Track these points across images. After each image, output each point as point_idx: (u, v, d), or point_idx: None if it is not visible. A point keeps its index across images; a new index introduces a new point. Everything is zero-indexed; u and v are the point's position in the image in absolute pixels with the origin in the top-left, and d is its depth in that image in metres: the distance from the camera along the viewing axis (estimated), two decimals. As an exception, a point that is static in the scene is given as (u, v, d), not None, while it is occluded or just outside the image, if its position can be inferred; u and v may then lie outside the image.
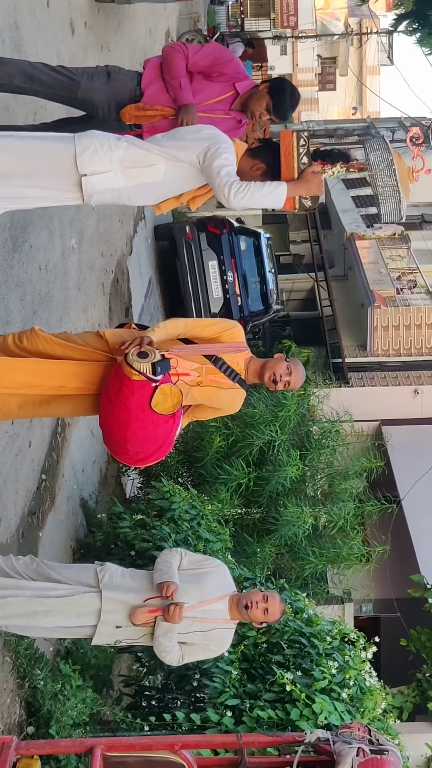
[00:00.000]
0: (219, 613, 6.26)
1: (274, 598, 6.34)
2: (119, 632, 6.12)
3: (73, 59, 10.16)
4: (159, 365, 5.31)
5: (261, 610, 6.26)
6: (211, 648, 6.36)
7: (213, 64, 6.91)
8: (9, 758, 4.45)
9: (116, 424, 5.51)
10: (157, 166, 5.51)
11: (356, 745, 4.52)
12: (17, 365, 5.47)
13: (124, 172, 5.43)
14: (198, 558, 6.66)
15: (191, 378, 5.72)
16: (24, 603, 5.95)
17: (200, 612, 6.17)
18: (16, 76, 6.55)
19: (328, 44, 56.02)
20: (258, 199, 5.54)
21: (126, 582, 6.26)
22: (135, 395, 5.33)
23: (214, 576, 6.41)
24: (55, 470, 9.01)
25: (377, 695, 8.18)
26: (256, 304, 19.78)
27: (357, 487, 13.43)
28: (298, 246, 29.57)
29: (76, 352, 5.56)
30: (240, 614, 6.29)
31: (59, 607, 5.99)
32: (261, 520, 12.46)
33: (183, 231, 18.93)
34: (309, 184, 5.66)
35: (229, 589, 6.43)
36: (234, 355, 5.85)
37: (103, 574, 6.23)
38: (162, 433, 5.54)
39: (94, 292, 11.39)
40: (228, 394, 5.92)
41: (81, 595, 6.05)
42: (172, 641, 6.08)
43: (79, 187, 5.38)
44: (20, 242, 7.84)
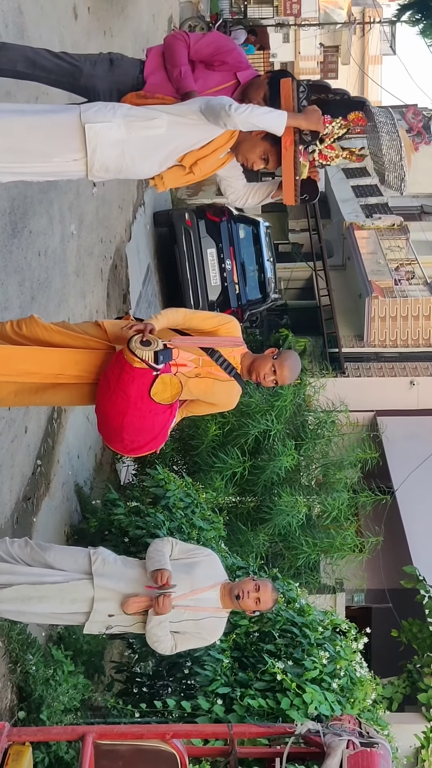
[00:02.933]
0: (210, 601, 6.26)
1: (267, 586, 6.31)
2: (111, 620, 6.14)
3: (76, 44, 10.14)
4: (161, 354, 5.34)
5: (253, 600, 6.25)
6: (203, 636, 6.36)
7: (215, 53, 6.89)
8: (0, 745, 4.46)
9: (113, 411, 5.52)
10: (159, 120, 5.62)
11: (346, 738, 4.54)
12: (15, 353, 5.47)
13: (127, 124, 5.51)
14: (189, 547, 6.65)
15: (189, 369, 5.73)
16: (18, 589, 5.97)
17: (192, 601, 6.16)
18: (18, 61, 6.53)
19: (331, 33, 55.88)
20: (258, 115, 5.62)
21: (118, 569, 6.25)
22: (135, 383, 5.36)
23: (205, 565, 6.40)
24: (50, 456, 9.02)
25: (367, 686, 8.21)
26: (254, 292, 19.75)
27: (351, 477, 13.45)
28: (297, 235, 29.57)
29: (74, 339, 5.56)
30: (232, 603, 6.30)
31: (53, 593, 6.00)
32: (255, 509, 12.47)
33: (182, 218, 18.89)
34: (309, 117, 5.73)
35: (220, 578, 6.42)
36: (231, 349, 5.88)
37: (96, 558, 6.22)
38: (158, 423, 5.55)
39: (92, 279, 11.38)
40: (224, 388, 5.93)
41: (75, 582, 6.06)
42: (165, 630, 6.09)
43: (83, 146, 5.41)
44: (20, 228, 7.83)
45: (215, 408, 6.26)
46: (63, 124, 5.42)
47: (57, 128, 5.41)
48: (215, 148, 5.82)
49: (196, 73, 6.80)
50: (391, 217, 27.30)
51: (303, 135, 5.77)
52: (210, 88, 6.83)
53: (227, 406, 6.28)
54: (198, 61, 6.81)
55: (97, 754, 4.74)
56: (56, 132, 5.41)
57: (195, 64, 6.80)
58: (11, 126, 5.33)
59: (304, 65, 55.97)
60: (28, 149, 5.39)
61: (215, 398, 6.02)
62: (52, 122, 5.41)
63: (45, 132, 5.38)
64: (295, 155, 5.80)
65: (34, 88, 7.90)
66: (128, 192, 15.11)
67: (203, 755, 6.14)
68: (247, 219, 19.99)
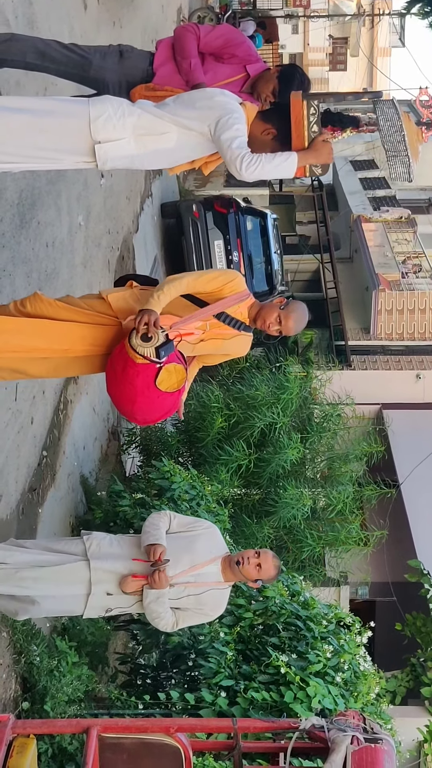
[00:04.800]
0: (211, 576, 6.16)
1: (267, 554, 6.19)
2: (110, 600, 6.07)
3: (85, 35, 10.13)
4: (162, 349, 5.31)
5: (254, 566, 6.09)
6: (206, 612, 6.25)
7: (225, 45, 6.89)
8: (5, 737, 4.46)
9: (123, 398, 5.60)
10: (169, 134, 5.48)
11: (350, 733, 4.53)
12: (21, 326, 5.45)
13: (137, 139, 5.41)
14: (188, 520, 6.53)
15: (195, 336, 5.75)
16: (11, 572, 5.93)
17: (192, 576, 6.08)
18: (28, 52, 6.53)
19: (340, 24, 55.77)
20: (269, 170, 5.52)
21: (114, 550, 6.17)
22: (140, 376, 5.38)
23: (204, 538, 6.29)
24: (56, 447, 9.02)
25: (371, 680, 8.22)
26: (261, 284, 19.72)
27: (357, 470, 13.46)
28: (304, 227, 29.50)
29: (81, 315, 5.54)
30: (233, 574, 6.15)
31: (48, 574, 5.94)
32: (260, 502, 12.48)
33: (189, 209, 18.87)
34: (319, 153, 5.65)
35: (221, 551, 6.30)
36: (237, 306, 5.85)
37: (90, 542, 6.13)
38: (168, 402, 5.62)
39: (99, 270, 11.38)
40: (232, 342, 5.95)
41: (70, 564, 5.99)
42: (164, 606, 6.00)
43: (93, 152, 5.37)
44: (28, 219, 7.82)
45: (227, 357, 6.37)
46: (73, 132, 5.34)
47: (67, 136, 5.35)
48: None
49: (206, 65, 6.79)
50: (399, 209, 27.26)
51: (313, 167, 5.74)
52: (219, 81, 6.82)
53: (238, 354, 6.32)
54: (208, 53, 6.80)
55: (101, 747, 4.75)
56: (66, 140, 5.35)
57: (205, 57, 6.80)
58: (22, 128, 5.28)
59: (312, 57, 55.87)
60: (39, 152, 5.35)
61: (226, 350, 6.09)
62: (62, 129, 5.34)
63: (55, 138, 5.32)
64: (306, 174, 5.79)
65: (43, 79, 7.89)
66: (136, 183, 15.10)
67: (207, 749, 6.15)
68: (255, 211, 19.96)
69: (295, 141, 5.67)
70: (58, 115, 5.36)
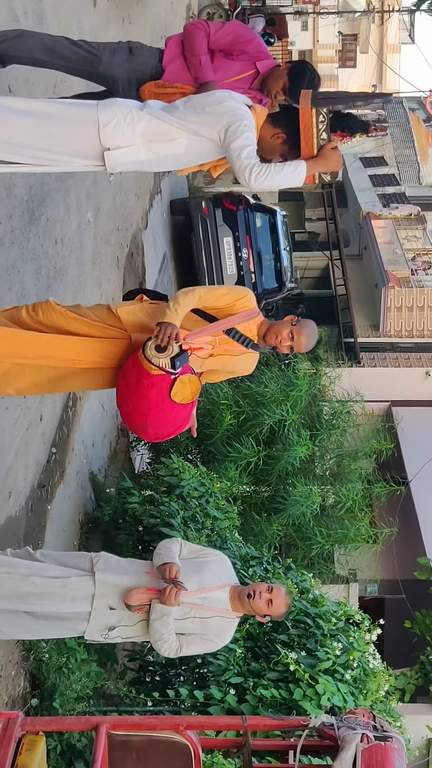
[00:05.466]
0: (219, 602, 6.03)
1: (280, 590, 6.07)
2: (113, 615, 5.90)
3: (94, 32, 10.12)
4: (178, 359, 5.30)
5: (264, 601, 5.98)
6: (211, 638, 6.06)
7: (234, 42, 6.87)
8: (14, 734, 4.45)
9: (136, 412, 5.55)
10: (178, 140, 5.47)
11: (360, 731, 4.52)
12: (32, 337, 5.47)
13: (146, 145, 5.41)
14: (198, 548, 6.45)
15: (205, 351, 5.73)
16: (17, 582, 5.76)
17: (199, 599, 5.95)
18: (37, 49, 6.52)
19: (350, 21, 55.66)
20: (278, 181, 5.51)
21: (121, 566, 6.08)
22: (155, 388, 5.36)
23: (214, 565, 6.20)
24: (65, 444, 9.02)
25: (380, 677, 8.20)
26: (270, 281, 19.70)
27: (366, 468, 13.44)
28: (313, 224, 29.50)
29: (91, 327, 5.53)
30: (242, 605, 6.03)
31: (53, 589, 5.80)
32: (269, 499, 12.47)
33: (199, 206, 18.84)
34: (328, 161, 5.63)
35: (230, 580, 6.21)
36: (246, 323, 5.83)
37: (98, 559, 6.02)
38: (181, 416, 5.58)
39: (108, 267, 11.37)
40: (241, 360, 5.94)
41: (76, 578, 5.87)
42: (168, 627, 5.85)
43: (102, 157, 5.36)
44: (37, 215, 7.82)
45: (233, 375, 6.34)
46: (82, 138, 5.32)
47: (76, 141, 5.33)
48: None
49: (216, 62, 6.78)
50: (408, 206, 27.21)
51: (322, 174, 5.72)
52: (229, 78, 6.81)
53: (244, 372, 6.28)
54: (217, 50, 6.79)
55: (110, 744, 4.74)
56: (75, 144, 5.33)
57: (214, 54, 6.79)
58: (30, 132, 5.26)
59: (322, 53, 55.80)
60: (48, 155, 5.34)
61: (233, 368, 6.07)
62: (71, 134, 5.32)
63: (64, 142, 5.31)
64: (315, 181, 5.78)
65: (52, 76, 7.89)
66: (145, 180, 15.09)
67: (216, 747, 6.13)
68: (264, 208, 19.93)
69: (304, 149, 5.66)
70: (66, 120, 5.35)
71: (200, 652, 6.33)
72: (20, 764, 4.43)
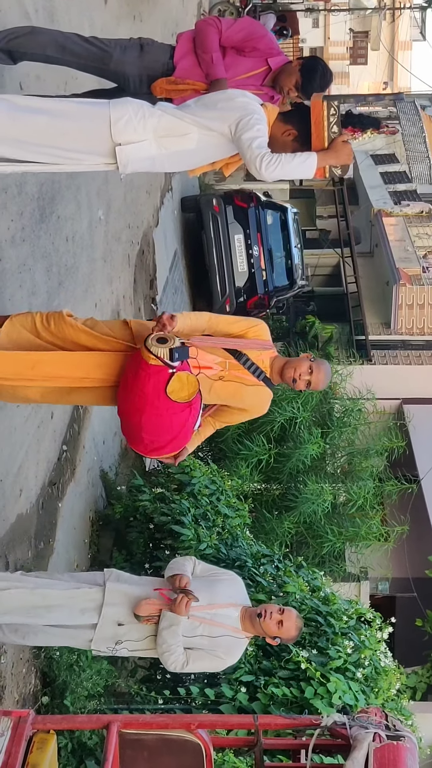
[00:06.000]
0: (230, 619, 5.99)
1: (291, 612, 6.03)
2: (121, 630, 5.87)
3: (105, 29, 10.11)
4: (177, 351, 5.29)
5: (275, 622, 5.93)
6: (219, 655, 6.00)
7: (246, 38, 6.85)
8: (25, 732, 4.44)
9: (132, 409, 5.46)
10: (190, 136, 5.46)
11: (373, 730, 4.50)
12: (41, 357, 5.48)
13: (157, 141, 5.40)
14: (211, 567, 6.44)
15: (214, 372, 5.70)
16: (25, 595, 5.74)
17: (209, 614, 5.92)
18: (48, 46, 6.50)
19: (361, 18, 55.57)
20: (289, 170, 5.49)
21: (133, 578, 6.09)
22: (151, 380, 5.29)
23: (227, 584, 6.18)
24: (76, 442, 9.01)
25: (392, 675, 8.19)
26: (281, 278, 19.68)
27: (377, 466, 13.43)
28: (324, 221, 29.47)
29: (100, 341, 5.53)
30: (252, 626, 5.99)
31: (62, 601, 5.78)
32: (280, 497, 12.48)
33: (210, 203, 18.83)
34: (339, 154, 5.61)
35: (242, 600, 6.17)
36: (259, 352, 5.83)
37: (109, 574, 6.03)
38: (177, 422, 5.44)
39: (119, 264, 11.36)
40: (252, 392, 5.87)
41: (86, 589, 5.86)
42: (176, 638, 5.80)
43: (113, 154, 5.35)
44: (48, 213, 7.81)
45: (246, 414, 6.14)
46: (94, 135, 5.32)
47: (88, 138, 5.32)
48: None
49: (227, 59, 6.75)
50: (420, 204, 27.15)
51: (333, 168, 5.70)
52: (241, 74, 6.79)
53: (258, 412, 6.16)
54: (229, 47, 6.76)
55: (121, 743, 4.73)
56: (87, 141, 5.32)
57: (226, 50, 6.76)
58: (41, 130, 5.25)
59: (333, 50, 55.77)
60: (59, 152, 5.34)
61: (245, 403, 5.95)
62: (82, 132, 5.32)
63: (76, 141, 5.31)
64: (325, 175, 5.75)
65: (63, 73, 7.88)
66: (156, 178, 15.08)
67: (228, 745, 6.12)
68: (275, 205, 19.92)
69: (315, 142, 5.64)
70: (78, 117, 5.35)
71: (207, 669, 6.31)
72: (31, 763, 4.42)
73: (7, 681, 6.66)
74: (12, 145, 5.23)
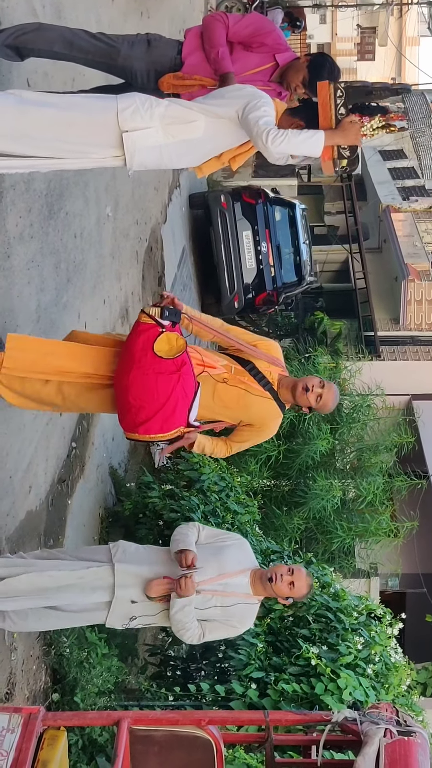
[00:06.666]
0: (240, 587, 5.94)
1: (301, 572, 5.96)
2: (134, 608, 5.83)
3: (112, 25, 10.11)
4: (167, 310, 5.57)
5: (286, 584, 5.87)
6: (233, 624, 5.99)
7: (254, 34, 6.83)
8: (36, 729, 4.44)
9: (120, 372, 5.58)
10: (197, 123, 5.47)
11: (383, 726, 4.49)
12: (53, 348, 5.64)
13: (164, 128, 5.41)
14: (216, 532, 6.36)
15: (218, 372, 5.81)
16: (34, 578, 5.69)
17: (220, 585, 5.86)
18: (56, 42, 6.50)
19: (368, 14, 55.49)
20: (296, 144, 5.48)
21: (140, 555, 6.00)
22: (140, 338, 5.48)
23: (234, 549, 6.10)
24: (85, 438, 9.01)
25: (402, 671, 8.19)
26: (290, 275, 19.66)
27: (386, 461, 13.41)
28: (332, 217, 29.45)
29: (109, 342, 5.69)
30: (264, 589, 5.94)
31: (72, 581, 5.73)
32: (290, 493, 12.47)
33: (218, 200, 18.81)
34: (347, 133, 5.60)
35: (250, 564, 6.09)
36: (267, 364, 5.94)
37: (116, 549, 5.95)
38: (163, 386, 5.49)
39: (127, 261, 11.36)
40: (258, 402, 5.96)
41: (95, 568, 5.79)
42: (190, 616, 5.78)
43: (121, 144, 5.36)
44: (56, 209, 7.80)
45: (255, 430, 6.18)
46: (101, 125, 5.35)
47: (95, 129, 5.35)
48: (252, 146, 5.75)
49: (235, 54, 6.74)
50: (428, 199, 27.16)
51: (341, 149, 5.69)
52: (248, 70, 6.77)
53: (267, 427, 6.21)
54: (237, 42, 6.75)
55: (132, 739, 4.73)
56: (94, 132, 5.35)
57: (233, 46, 6.75)
58: (49, 123, 5.29)
59: (341, 46, 55.70)
60: (67, 147, 5.35)
61: (251, 413, 6.01)
62: (89, 122, 5.34)
63: (83, 131, 5.33)
64: (334, 160, 5.73)
65: (71, 69, 7.87)
66: (164, 174, 15.07)
67: (238, 741, 6.11)
68: (283, 201, 19.89)
69: (322, 123, 5.65)
70: (85, 108, 5.38)
71: (222, 637, 6.29)
72: (42, 759, 4.43)
73: (17, 678, 6.66)
74: (19, 139, 5.25)
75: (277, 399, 6.00)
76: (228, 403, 5.89)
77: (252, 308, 19.53)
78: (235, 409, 5.96)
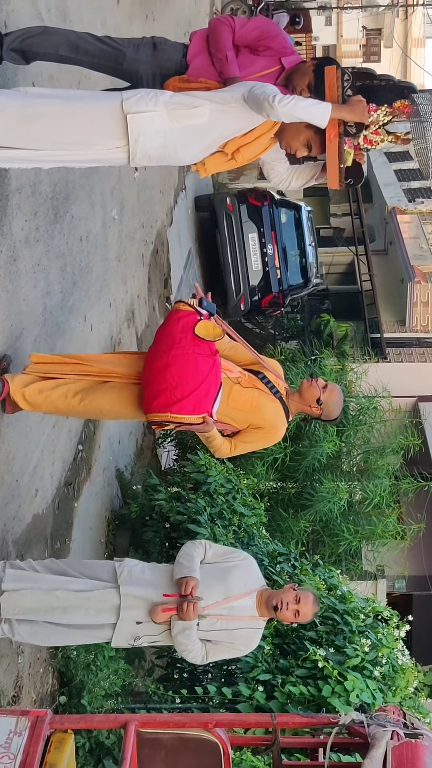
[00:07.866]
0: (246, 609, 5.91)
1: (308, 598, 5.93)
2: (139, 628, 5.81)
3: (118, 28, 10.12)
4: (205, 301, 5.94)
5: (292, 612, 5.87)
6: (237, 647, 5.97)
7: (260, 37, 6.82)
8: (43, 732, 4.44)
9: (159, 352, 5.80)
10: (202, 108, 5.55)
11: (391, 729, 4.49)
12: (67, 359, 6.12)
13: (169, 113, 5.47)
14: (223, 550, 6.29)
15: (234, 375, 6.01)
16: (41, 596, 5.71)
17: (225, 609, 5.84)
18: (61, 45, 6.50)
19: (374, 15, 55.45)
20: (302, 107, 5.53)
21: (146, 577, 5.96)
22: (180, 322, 5.81)
23: (240, 570, 6.05)
24: (91, 441, 9.02)
25: (409, 673, 8.17)
26: (296, 277, 19.68)
27: (393, 464, 13.39)
28: (338, 219, 29.44)
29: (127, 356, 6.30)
30: (269, 612, 5.92)
31: (78, 602, 5.73)
32: (296, 496, 12.45)
33: (223, 202, 18.84)
34: (353, 108, 5.66)
35: (257, 584, 6.05)
36: (275, 377, 6.19)
37: (121, 569, 5.93)
38: (202, 366, 5.74)
39: (133, 263, 11.37)
40: (270, 405, 6.11)
41: (100, 591, 5.79)
42: (192, 638, 5.77)
43: (125, 134, 5.40)
44: (62, 213, 7.81)
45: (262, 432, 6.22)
46: (105, 112, 5.41)
47: (99, 117, 5.39)
48: (258, 135, 5.76)
49: (241, 58, 6.74)
50: (434, 202, 27.11)
51: (348, 127, 5.70)
52: (254, 74, 6.77)
53: (274, 430, 6.26)
54: (243, 45, 6.75)
55: (139, 742, 4.73)
56: (98, 120, 5.39)
57: (239, 49, 6.74)
58: (54, 113, 5.33)
59: (346, 48, 55.63)
60: (71, 137, 5.39)
61: (263, 415, 6.10)
62: (94, 110, 5.40)
63: (87, 120, 5.38)
64: (340, 146, 5.74)
65: (76, 72, 7.89)
66: (170, 177, 15.08)
67: (245, 744, 6.11)
68: (289, 203, 19.90)
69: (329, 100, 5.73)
70: (90, 99, 5.52)
71: (227, 657, 6.24)
72: (49, 762, 4.43)
73: (24, 681, 6.67)
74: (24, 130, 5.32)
75: (285, 408, 6.13)
76: (242, 405, 5.98)
77: (258, 310, 19.56)
78: (249, 412, 6.04)
